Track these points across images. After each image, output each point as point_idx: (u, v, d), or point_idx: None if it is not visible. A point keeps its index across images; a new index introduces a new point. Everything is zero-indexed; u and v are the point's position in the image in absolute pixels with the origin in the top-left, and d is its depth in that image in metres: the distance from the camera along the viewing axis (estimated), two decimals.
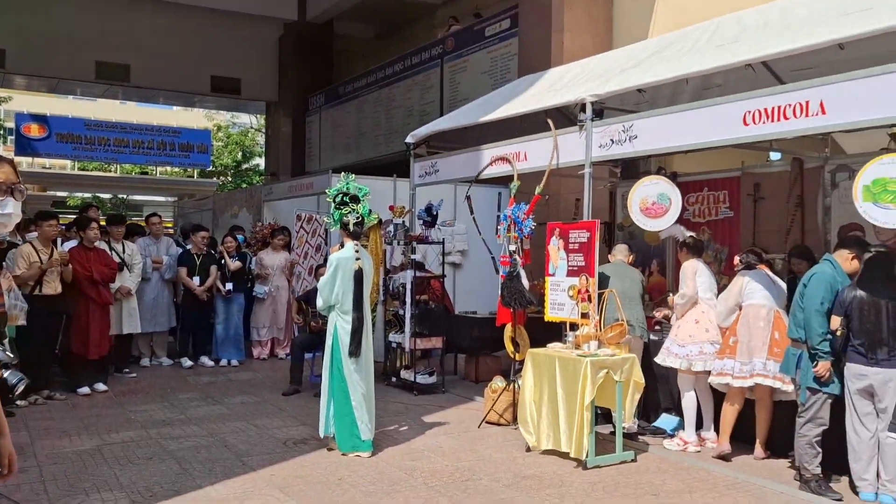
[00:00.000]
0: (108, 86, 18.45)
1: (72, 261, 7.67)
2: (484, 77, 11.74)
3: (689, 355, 5.94)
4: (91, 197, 33.96)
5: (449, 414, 7.19)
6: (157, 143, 24.11)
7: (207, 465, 5.42)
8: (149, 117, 36.33)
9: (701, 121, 5.47)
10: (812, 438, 4.98)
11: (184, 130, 25.90)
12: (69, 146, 23.41)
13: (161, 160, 25.72)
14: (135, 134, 23.98)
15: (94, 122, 25.22)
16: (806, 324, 5.00)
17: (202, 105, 24.63)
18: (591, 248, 6.10)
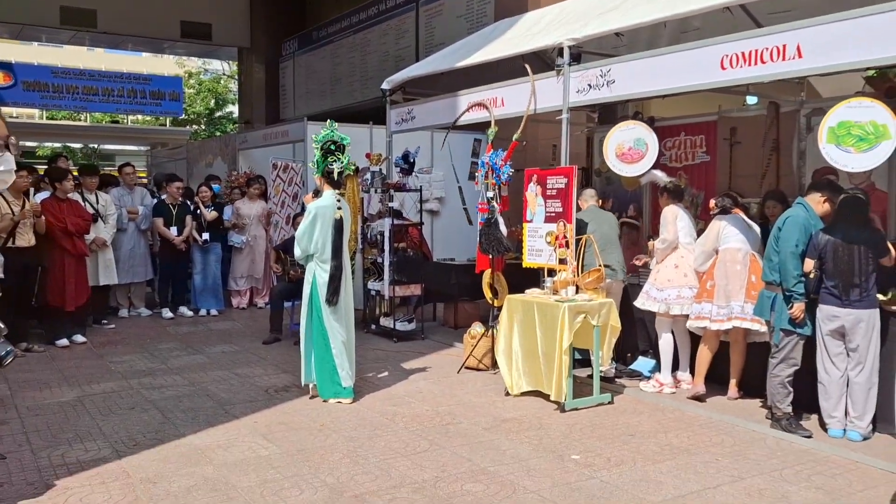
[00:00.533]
0: (74, 31, 17.94)
1: (45, 212, 7.57)
2: (460, 21, 11.56)
3: (667, 299, 6.02)
4: (61, 147, 33.33)
5: (428, 360, 7.27)
6: (127, 90, 23.54)
7: (190, 414, 5.46)
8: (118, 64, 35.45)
9: (678, 65, 5.45)
10: (784, 378, 5.10)
11: (154, 77, 25.30)
12: (36, 94, 22.81)
13: (132, 108, 25.12)
14: (104, 81, 23.37)
15: (62, 69, 24.57)
16: (781, 266, 5.07)
17: (172, 51, 24.11)
18: (569, 193, 6.11)
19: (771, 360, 5.21)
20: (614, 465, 4.48)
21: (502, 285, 6.77)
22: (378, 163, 8.26)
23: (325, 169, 5.92)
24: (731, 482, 4.24)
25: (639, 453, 4.70)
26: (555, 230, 6.13)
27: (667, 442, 4.93)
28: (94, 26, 16.94)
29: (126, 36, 18.62)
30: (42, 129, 33.60)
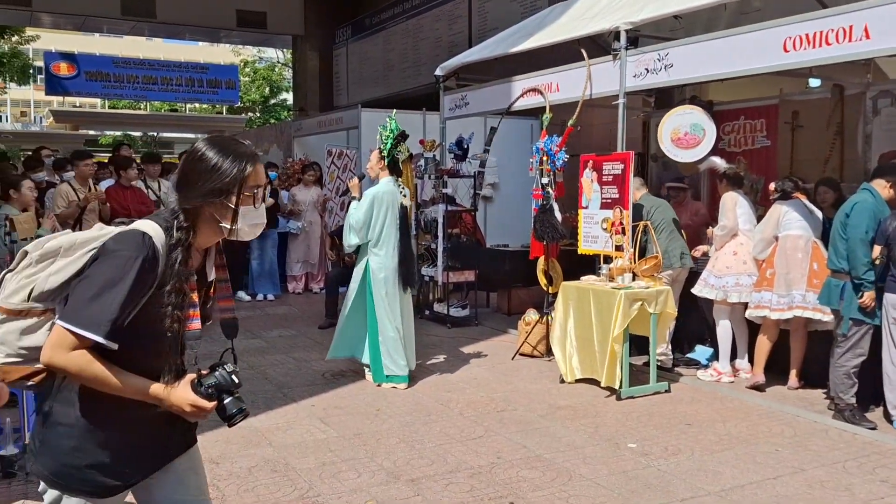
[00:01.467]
0: (134, 22, 18.34)
1: (109, 200, 7.79)
2: (513, 5, 11.46)
3: (725, 286, 5.92)
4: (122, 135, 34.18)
5: (482, 346, 7.29)
6: (185, 79, 24.02)
7: (250, 397, 5.57)
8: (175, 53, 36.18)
9: (739, 48, 5.33)
10: (850, 369, 4.98)
11: (211, 66, 25.77)
12: (98, 84, 23.43)
13: (189, 97, 25.64)
14: (163, 71, 23.90)
15: (122, 59, 25.19)
16: (850, 254, 4.93)
17: (228, 40, 24.42)
18: (626, 179, 6.04)
19: (836, 350, 5.09)
20: (671, 455, 4.44)
21: (557, 272, 6.74)
22: (432, 149, 8.28)
23: (393, 157, 5.96)
24: (792, 473, 4.17)
25: (696, 442, 4.65)
26: (611, 216, 6.08)
27: (725, 431, 4.87)
28: (153, 16, 17.27)
29: (184, 25, 18.94)
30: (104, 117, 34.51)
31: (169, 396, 1.91)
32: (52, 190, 7.57)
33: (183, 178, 1.96)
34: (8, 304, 1.86)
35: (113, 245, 1.83)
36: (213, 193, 1.91)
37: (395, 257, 5.90)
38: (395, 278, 5.90)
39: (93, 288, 1.79)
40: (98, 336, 1.77)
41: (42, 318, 1.87)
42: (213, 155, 1.93)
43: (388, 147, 5.94)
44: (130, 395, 1.88)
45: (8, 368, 1.88)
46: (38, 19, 18.93)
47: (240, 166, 1.93)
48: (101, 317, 1.77)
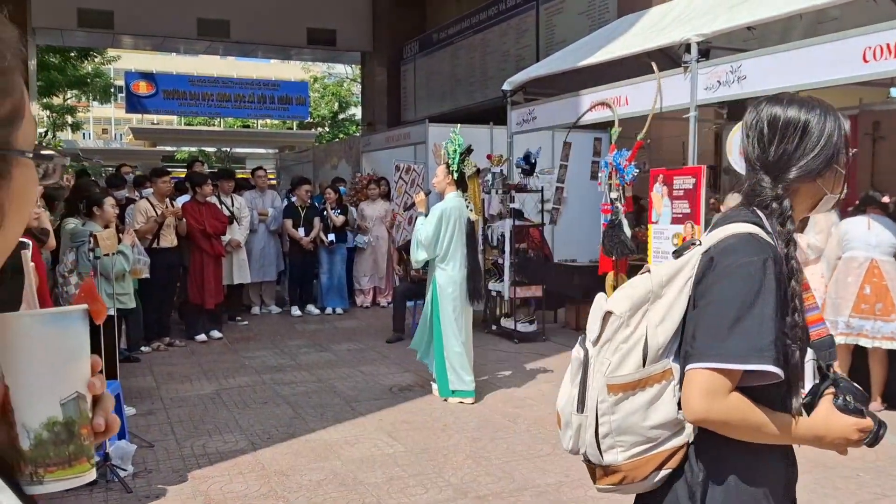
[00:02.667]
0: (209, 42, 18.94)
1: (185, 215, 8.03)
2: (581, 18, 11.41)
3: None
4: (197, 151, 35.21)
5: (550, 362, 7.23)
6: (257, 96, 24.64)
7: (319, 410, 5.66)
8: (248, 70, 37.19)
9: (816, 58, 5.18)
10: None
11: (282, 83, 26.37)
12: (175, 102, 24.23)
13: (261, 113, 26.31)
14: (236, 88, 24.57)
15: (198, 77, 26.00)
16: None
17: (299, 57, 25.00)
18: (697, 194, 5.93)
19: None
20: None
21: None
22: (499, 164, 8.28)
23: (461, 171, 6.00)
24: (874, 500, 4.01)
25: None
26: (682, 232, 5.97)
27: (802, 455, 4.68)
28: (227, 36, 17.82)
29: (256, 44, 19.48)
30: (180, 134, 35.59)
31: (829, 429, 1.51)
32: (131, 206, 7.85)
33: (779, 157, 1.58)
34: (620, 378, 1.53)
35: (725, 259, 1.48)
36: (827, 162, 1.57)
37: (462, 272, 5.92)
38: (462, 293, 5.92)
39: (727, 312, 1.44)
40: (765, 365, 1.40)
41: (662, 382, 1.51)
42: (814, 118, 1.57)
43: (455, 162, 5.97)
44: (784, 440, 1.52)
45: (636, 463, 1.54)
46: (120, 41, 19.74)
47: (837, 121, 1.59)
48: (757, 341, 1.41)
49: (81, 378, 0.78)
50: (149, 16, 16.75)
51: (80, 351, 0.79)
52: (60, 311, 0.78)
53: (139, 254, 6.36)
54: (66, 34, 18.13)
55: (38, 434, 0.75)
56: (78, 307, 0.80)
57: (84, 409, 0.78)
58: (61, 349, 0.77)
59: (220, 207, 8.79)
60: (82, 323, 0.79)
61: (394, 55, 18.12)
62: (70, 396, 0.77)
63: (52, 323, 0.77)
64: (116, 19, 16.68)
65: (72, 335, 0.78)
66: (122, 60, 32.08)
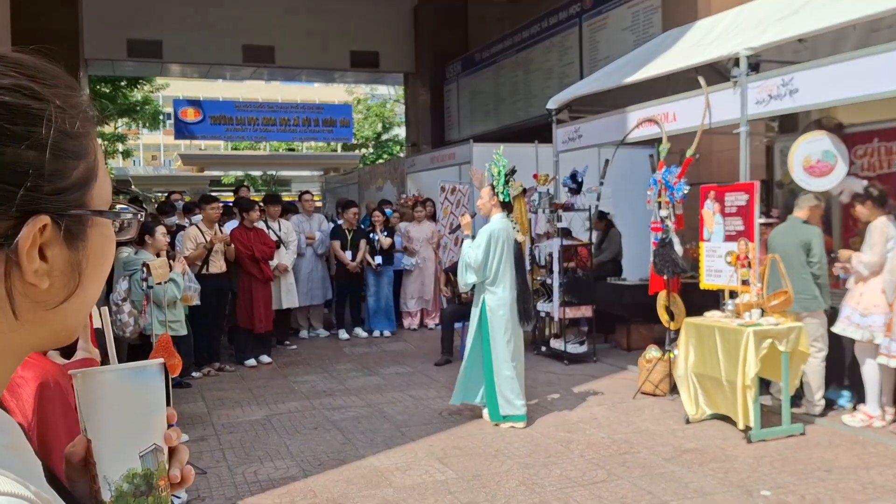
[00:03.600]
0: (254, 68, 19.27)
1: (234, 241, 8.12)
2: (625, 34, 11.31)
3: (871, 326, 5.49)
4: (243, 175, 35.76)
5: (602, 384, 7.10)
6: (301, 119, 24.95)
7: (369, 436, 5.63)
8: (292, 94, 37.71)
9: (871, 69, 5.03)
10: None
11: (326, 106, 26.66)
12: (222, 128, 24.66)
13: (306, 136, 26.62)
14: (281, 112, 24.91)
15: (244, 103, 26.47)
16: None
17: (342, 80, 25.24)
18: (750, 211, 5.79)
19: None
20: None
21: (679, 307, 6.51)
22: (545, 183, 8.21)
23: (505, 193, 5.95)
24: None
25: (837, 491, 4.33)
26: (736, 249, 5.82)
27: (869, 480, 4.52)
28: (272, 62, 18.10)
29: (301, 69, 19.75)
30: (227, 159, 36.22)
31: None
32: (181, 233, 7.97)
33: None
34: None
35: None
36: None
37: (512, 293, 5.86)
38: (512, 315, 5.85)
39: None
40: None
41: None
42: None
43: (501, 184, 5.92)
44: None
45: None
46: (168, 69, 20.20)
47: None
48: None
49: (159, 430, 0.82)
50: (196, 44, 17.12)
51: (158, 404, 0.82)
52: (139, 365, 0.82)
53: (190, 281, 6.44)
54: (117, 64, 18.61)
55: (118, 486, 0.78)
56: (155, 361, 0.83)
57: (162, 460, 0.81)
58: (140, 403, 0.81)
59: (268, 232, 8.87)
60: (159, 377, 0.83)
61: (437, 75, 18.20)
62: (148, 448, 0.80)
63: (132, 378, 0.81)
64: (165, 48, 17.07)
65: (150, 389, 0.82)
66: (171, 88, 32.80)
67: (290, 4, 17.33)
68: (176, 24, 16.66)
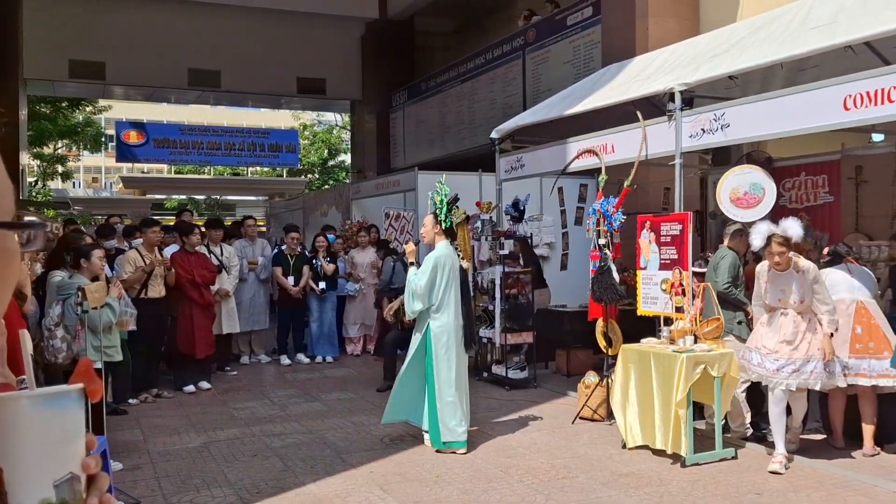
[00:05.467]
0: (200, 91, 19.14)
1: (174, 265, 8.01)
2: (567, 67, 11.61)
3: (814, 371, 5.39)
4: (186, 199, 35.28)
5: (542, 409, 7.19)
6: (247, 144, 24.79)
7: (309, 463, 5.59)
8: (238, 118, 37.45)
9: (797, 106, 5.28)
10: None
11: (272, 131, 26.55)
12: (166, 151, 24.33)
13: (251, 161, 26.42)
14: (226, 136, 24.71)
15: (188, 126, 26.19)
16: None
17: (289, 106, 25.24)
18: (684, 240, 5.97)
19: None
20: None
21: (616, 334, 6.65)
22: (488, 211, 8.33)
23: (448, 221, 6.03)
24: None
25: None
26: (670, 278, 5.99)
27: (797, 502, 4.67)
28: (218, 86, 18.02)
29: (247, 93, 19.69)
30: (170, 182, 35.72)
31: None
32: (121, 256, 7.84)
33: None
34: None
35: None
36: None
37: (457, 319, 5.92)
38: (456, 341, 5.90)
39: None
40: None
41: None
42: None
43: (443, 212, 6.01)
44: None
45: None
46: (111, 91, 19.93)
47: None
48: None
49: (76, 458, 0.78)
50: (140, 67, 16.95)
51: (76, 431, 0.79)
52: (56, 391, 0.78)
53: (126, 305, 6.33)
54: (58, 85, 18.32)
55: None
56: (74, 387, 0.80)
57: (78, 489, 0.78)
58: (56, 430, 0.77)
59: (210, 256, 8.78)
60: (78, 403, 0.79)
61: (383, 103, 18.34)
62: (64, 478, 0.77)
63: (49, 404, 0.77)
64: (108, 70, 16.86)
65: (68, 416, 0.78)
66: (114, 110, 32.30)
67: (236, 29, 17.32)
68: (120, 46, 16.48)
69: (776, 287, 5.32)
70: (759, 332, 5.50)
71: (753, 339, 5.52)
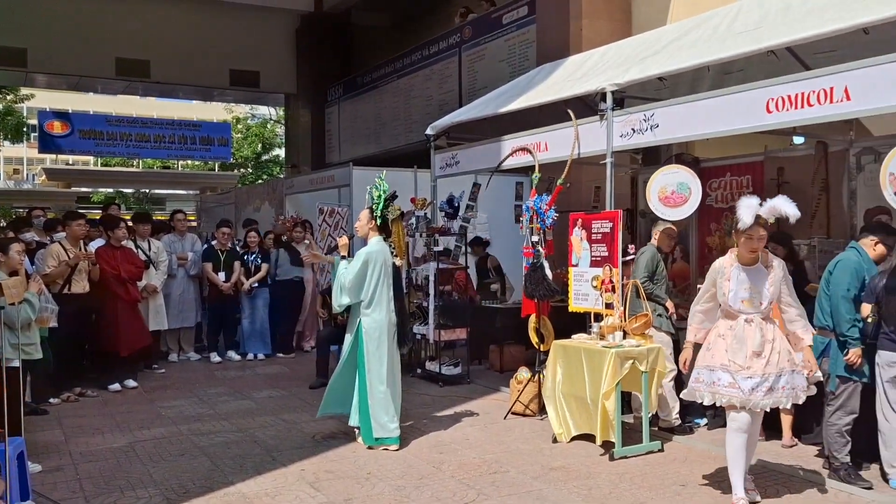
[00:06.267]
0: (128, 82, 18.61)
1: (99, 260, 7.78)
2: (502, 65, 11.69)
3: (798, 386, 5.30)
4: (114, 192, 34.30)
5: (475, 405, 7.22)
6: (177, 137, 24.23)
7: (238, 461, 5.50)
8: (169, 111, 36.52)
9: (723, 108, 5.43)
10: (842, 427, 4.95)
11: (204, 124, 26.04)
12: (92, 142, 23.59)
13: (182, 154, 25.83)
14: (156, 129, 24.10)
15: (116, 117, 25.42)
16: (833, 311, 4.98)
17: (221, 99, 24.78)
18: (615, 238, 6.08)
19: (827, 408, 5.07)
20: None
21: (548, 330, 6.72)
22: (423, 207, 8.33)
23: (385, 217, 5.99)
24: None
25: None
26: (600, 274, 6.09)
27: (720, 492, 4.80)
28: (147, 76, 17.54)
29: (177, 85, 19.23)
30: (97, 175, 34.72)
31: None
32: (42, 251, 7.55)
33: None
34: None
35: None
36: None
37: (389, 316, 5.89)
38: (388, 338, 5.88)
39: None
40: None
41: None
42: None
43: (380, 208, 5.97)
44: None
45: None
46: (33, 79, 19.21)
47: None
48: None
49: None
50: (64, 54, 16.38)
51: None
52: None
53: (46, 301, 6.09)
54: None
55: None
56: None
57: None
58: None
59: (137, 251, 8.55)
60: None
61: (318, 97, 18.15)
62: None
63: None
64: (30, 57, 16.25)
65: None
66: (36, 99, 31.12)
67: (167, 19, 16.90)
68: (43, 32, 15.88)
69: (741, 286, 4.51)
70: (718, 347, 4.56)
71: (714, 356, 4.55)
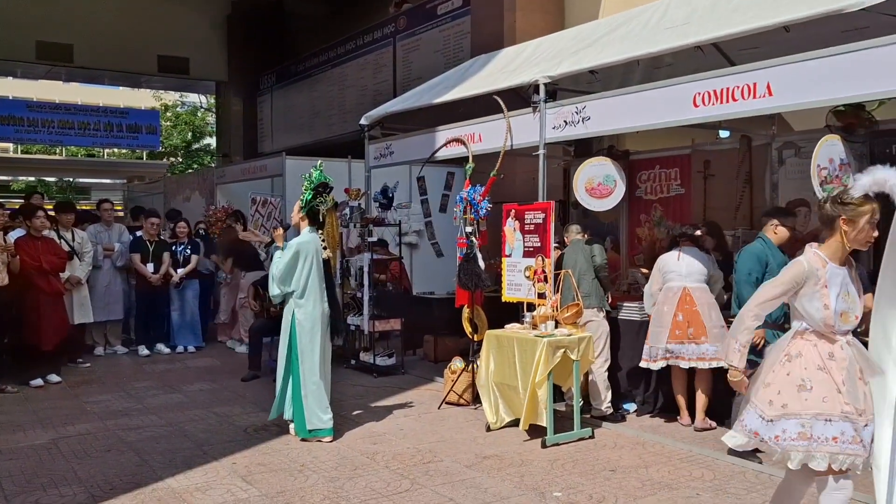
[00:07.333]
0: (50, 66, 17.93)
1: (19, 251, 7.49)
2: (437, 56, 11.69)
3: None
4: (36, 181, 33.06)
5: (409, 395, 7.24)
6: (103, 124, 23.44)
7: (167, 456, 5.39)
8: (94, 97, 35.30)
9: (652, 102, 5.55)
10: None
11: (131, 111, 25.24)
12: (11, 129, 22.64)
13: (108, 142, 24.99)
14: (80, 115, 23.26)
15: (37, 103, 24.45)
16: (738, 295, 5.25)
17: (149, 85, 24.11)
18: (547, 228, 6.16)
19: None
20: (596, 502, 4.47)
21: (482, 320, 6.78)
22: (357, 198, 8.28)
23: (312, 208, 5.92)
24: None
25: (620, 489, 4.70)
26: (533, 265, 6.17)
27: (648, 477, 4.93)
28: (70, 61, 16.94)
29: (103, 70, 18.62)
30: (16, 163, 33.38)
31: None
32: None
33: None
34: None
35: None
36: None
37: (322, 307, 5.85)
38: (321, 329, 5.83)
39: None
40: None
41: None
42: None
43: (306, 198, 5.92)
44: None
45: None
46: None
47: None
48: None
49: None
50: None
51: None
52: None
53: None
54: None
55: None
56: None
57: None
58: None
59: (60, 242, 8.27)
60: None
61: (250, 86, 17.85)
62: None
63: None
64: None
65: None
66: None
67: (92, 2, 16.35)
68: None
69: (839, 292, 3.21)
70: (825, 386, 3.12)
71: (828, 399, 3.10)
